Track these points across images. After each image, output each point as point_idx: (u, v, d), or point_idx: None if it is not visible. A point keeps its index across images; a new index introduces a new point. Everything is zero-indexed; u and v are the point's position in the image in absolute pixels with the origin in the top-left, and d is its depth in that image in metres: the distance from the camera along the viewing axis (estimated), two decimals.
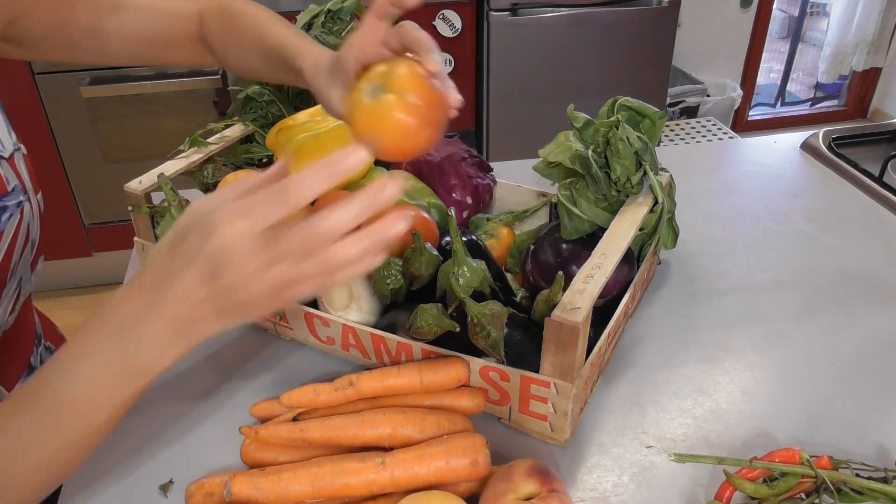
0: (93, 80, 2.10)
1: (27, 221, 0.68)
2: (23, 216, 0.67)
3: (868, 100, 3.64)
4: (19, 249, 0.67)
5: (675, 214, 0.90)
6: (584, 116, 0.87)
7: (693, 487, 0.68)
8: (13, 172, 0.67)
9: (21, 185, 0.67)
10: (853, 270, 0.98)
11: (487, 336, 0.70)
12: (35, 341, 0.81)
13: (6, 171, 0.66)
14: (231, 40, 0.82)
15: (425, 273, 0.77)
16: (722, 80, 3.23)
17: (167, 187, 0.83)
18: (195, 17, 0.84)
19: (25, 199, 0.67)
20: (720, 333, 0.87)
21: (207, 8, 0.84)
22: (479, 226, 0.94)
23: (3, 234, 0.65)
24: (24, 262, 0.69)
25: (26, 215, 0.67)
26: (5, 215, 0.65)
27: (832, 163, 1.24)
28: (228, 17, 0.82)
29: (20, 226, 0.67)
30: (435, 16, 2.27)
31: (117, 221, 2.36)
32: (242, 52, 0.82)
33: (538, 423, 0.72)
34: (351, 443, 0.66)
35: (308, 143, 0.90)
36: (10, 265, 0.66)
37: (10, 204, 0.66)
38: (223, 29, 0.83)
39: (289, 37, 0.76)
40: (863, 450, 0.71)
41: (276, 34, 0.77)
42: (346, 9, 1.00)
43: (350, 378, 0.69)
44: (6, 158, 0.67)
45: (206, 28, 0.84)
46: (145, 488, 0.69)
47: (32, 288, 0.76)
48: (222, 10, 0.83)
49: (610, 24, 2.42)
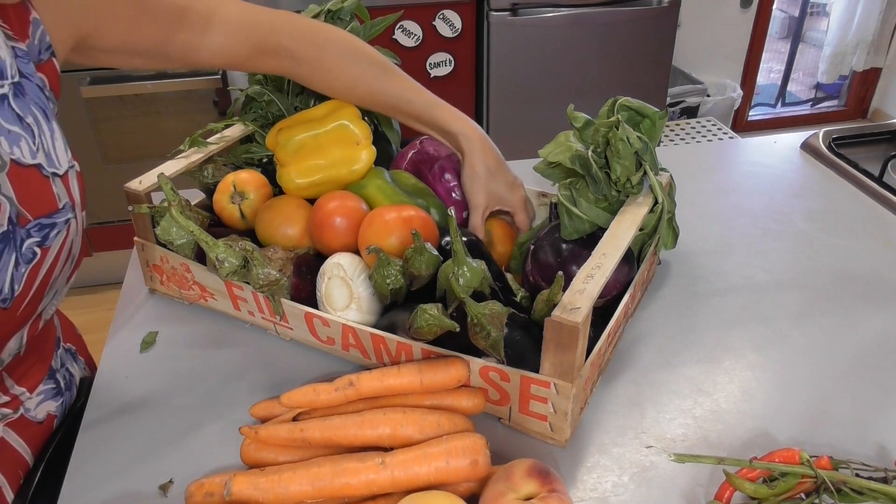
0: (93, 80, 2.10)
1: (72, 238, 0.69)
2: (69, 233, 0.68)
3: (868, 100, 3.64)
4: (61, 265, 0.68)
5: (675, 214, 0.90)
6: (584, 116, 0.87)
7: (693, 487, 0.68)
8: (65, 190, 0.67)
9: (71, 202, 0.68)
10: (853, 270, 0.98)
11: (487, 336, 0.70)
12: (56, 344, 0.81)
13: (59, 188, 0.67)
14: (331, 73, 0.90)
15: (425, 273, 0.77)
16: (722, 80, 3.23)
17: (167, 187, 0.83)
18: (266, 30, 0.86)
19: (73, 216, 0.68)
20: (720, 333, 0.87)
21: (290, 40, 0.87)
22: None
23: (49, 250, 0.65)
24: (62, 276, 0.70)
25: (72, 232, 0.68)
26: (54, 232, 0.66)
27: (832, 163, 1.24)
28: (324, 61, 0.89)
29: (65, 242, 0.67)
30: (435, 16, 2.27)
31: (117, 221, 2.36)
32: (352, 94, 0.92)
33: (538, 423, 0.72)
34: (351, 443, 0.66)
35: (308, 143, 0.90)
36: (50, 280, 0.67)
37: (59, 221, 0.66)
38: (317, 70, 0.90)
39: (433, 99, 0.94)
40: (863, 450, 0.71)
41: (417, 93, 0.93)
42: (346, 9, 1.00)
43: (350, 378, 0.69)
44: (60, 176, 0.67)
45: (296, 61, 0.89)
46: (145, 488, 0.69)
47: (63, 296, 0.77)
48: (310, 39, 0.89)
49: (610, 24, 2.42)
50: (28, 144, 0.64)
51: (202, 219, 0.89)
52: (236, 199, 0.92)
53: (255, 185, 0.93)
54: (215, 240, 0.79)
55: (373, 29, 1.02)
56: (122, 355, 0.85)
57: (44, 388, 0.77)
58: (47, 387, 0.78)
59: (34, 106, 0.66)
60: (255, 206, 0.92)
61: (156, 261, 0.91)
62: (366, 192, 0.90)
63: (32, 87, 0.66)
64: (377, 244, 0.79)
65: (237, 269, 0.79)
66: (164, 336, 0.88)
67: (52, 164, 0.66)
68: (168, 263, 0.90)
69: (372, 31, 1.02)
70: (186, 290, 0.91)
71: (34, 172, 0.64)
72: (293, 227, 0.88)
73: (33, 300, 0.66)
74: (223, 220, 0.94)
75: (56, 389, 0.79)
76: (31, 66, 0.66)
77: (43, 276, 0.66)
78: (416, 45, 2.31)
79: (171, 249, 0.88)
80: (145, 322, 0.90)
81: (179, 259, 0.88)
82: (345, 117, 0.91)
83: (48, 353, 0.79)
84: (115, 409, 0.78)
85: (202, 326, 0.89)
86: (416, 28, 2.28)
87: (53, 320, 0.82)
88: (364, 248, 0.82)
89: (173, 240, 0.86)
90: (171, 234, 0.86)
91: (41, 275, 0.65)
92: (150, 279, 0.95)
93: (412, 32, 2.28)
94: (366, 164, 0.91)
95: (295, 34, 0.87)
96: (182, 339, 0.87)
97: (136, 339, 0.87)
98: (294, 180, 0.90)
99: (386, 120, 1.02)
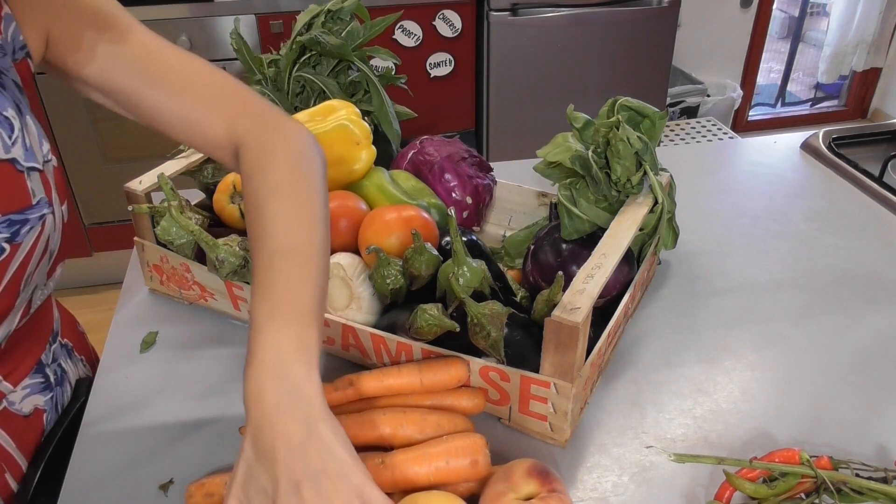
0: None
1: (48, 233, 0.68)
2: (44, 228, 0.67)
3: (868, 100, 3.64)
4: (36, 260, 0.67)
5: (675, 214, 0.90)
6: (583, 117, 0.87)
7: (693, 487, 0.68)
8: (41, 185, 0.67)
9: (47, 197, 0.67)
10: (853, 270, 0.98)
11: (487, 336, 0.70)
12: (49, 339, 0.81)
13: (34, 183, 0.66)
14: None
15: (425, 273, 0.77)
16: (722, 80, 3.23)
17: (167, 187, 0.83)
18: (229, 149, 0.71)
19: (49, 210, 0.67)
20: (720, 333, 0.87)
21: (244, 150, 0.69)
22: None
23: (20, 247, 0.65)
24: (39, 272, 0.69)
25: (48, 227, 0.67)
26: (25, 228, 0.64)
27: (832, 163, 1.24)
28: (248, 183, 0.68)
29: (40, 237, 0.67)
30: (435, 16, 2.27)
31: (117, 221, 2.36)
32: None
33: (538, 423, 0.72)
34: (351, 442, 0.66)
35: None
36: (24, 275, 0.66)
37: (31, 217, 0.65)
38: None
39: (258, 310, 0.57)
40: (863, 450, 0.71)
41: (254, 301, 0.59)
42: (346, 9, 1.00)
43: (350, 378, 0.69)
44: (38, 171, 0.66)
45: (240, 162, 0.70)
46: (145, 488, 0.69)
47: (50, 290, 0.76)
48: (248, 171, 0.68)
49: (610, 24, 2.42)
50: (4, 139, 0.63)
51: (202, 219, 0.89)
52: (236, 199, 0.92)
53: None
54: (215, 240, 0.79)
55: (373, 29, 1.01)
56: (122, 355, 0.85)
57: (30, 382, 0.76)
58: (34, 381, 0.77)
59: (11, 100, 0.65)
60: None
61: (156, 261, 0.91)
62: (366, 192, 0.90)
63: (8, 82, 0.66)
64: (377, 244, 0.79)
65: (237, 269, 0.79)
66: (164, 336, 0.88)
67: (29, 158, 0.65)
68: (168, 263, 0.90)
69: (372, 31, 1.01)
70: (186, 290, 0.91)
71: (8, 167, 0.63)
72: None
73: (6, 296, 0.65)
74: (223, 220, 0.94)
75: (45, 384, 0.78)
76: (8, 61, 0.66)
77: (13, 272, 0.65)
78: (416, 45, 2.31)
79: (171, 249, 0.88)
80: (145, 322, 0.90)
81: (179, 259, 0.88)
82: (345, 117, 0.90)
83: (38, 348, 0.78)
84: (115, 409, 0.78)
85: (202, 326, 0.89)
86: (416, 28, 2.28)
87: (50, 314, 0.82)
88: (364, 248, 0.82)
89: (173, 240, 0.86)
90: (171, 234, 0.86)
91: (10, 271, 0.64)
92: (150, 279, 0.95)
93: (412, 32, 2.28)
94: (366, 164, 0.91)
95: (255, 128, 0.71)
96: (182, 339, 0.87)
97: (136, 339, 0.87)
98: None
99: (386, 120, 1.02)
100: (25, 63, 0.68)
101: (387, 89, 1.02)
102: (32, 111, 0.70)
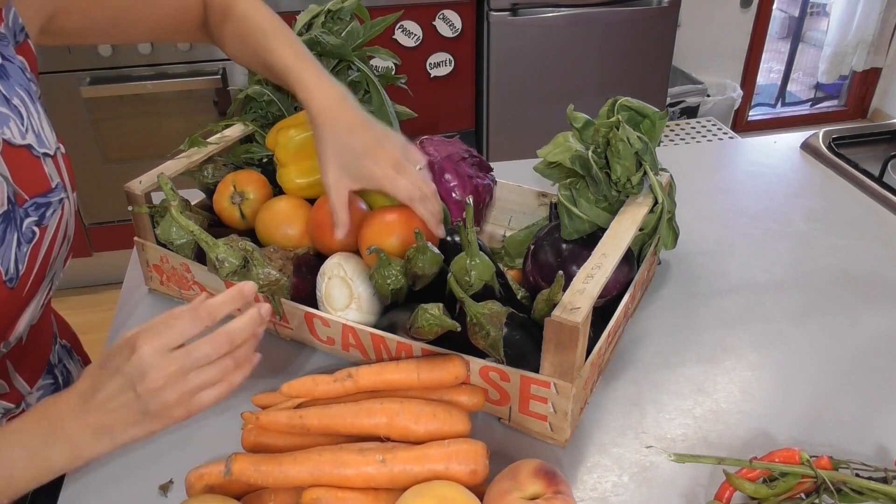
0: (93, 80, 2.10)
1: (66, 218, 0.70)
2: (63, 212, 0.69)
3: (868, 100, 3.64)
4: (59, 244, 0.70)
5: (675, 214, 0.90)
6: (583, 117, 0.87)
7: (693, 487, 0.68)
8: (56, 170, 0.69)
9: (62, 182, 0.69)
10: (853, 270, 0.98)
11: (487, 336, 0.70)
12: (52, 339, 0.81)
13: (50, 168, 0.68)
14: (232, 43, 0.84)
15: (428, 272, 0.77)
16: (722, 80, 3.23)
17: (167, 187, 0.83)
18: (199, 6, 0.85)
19: (66, 196, 0.70)
20: (720, 333, 0.87)
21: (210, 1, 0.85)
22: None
23: (46, 230, 0.66)
24: (59, 258, 0.71)
25: (66, 212, 0.70)
26: (49, 210, 0.67)
27: (832, 163, 1.24)
28: (230, 19, 0.83)
29: (61, 221, 0.69)
30: (435, 16, 2.27)
31: (117, 221, 2.36)
32: (244, 56, 0.85)
33: (538, 423, 0.72)
34: (348, 431, 0.66)
35: (308, 143, 0.90)
36: (50, 259, 0.68)
37: (53, 200, 0.68)
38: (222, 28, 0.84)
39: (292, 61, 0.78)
40: (863, 450, 0.71)
41: (279, 53, 0.78)
42: (346, 9, 1.00)
43: (349, 371, 0.69)
44: (51, 156, 0.68)
45: (208, 19, 0.85)
46: (145, 488, 0.69)
47: (59, 280, 0.77)
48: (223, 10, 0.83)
49: (610, 24, 2.42)
50: (17, 125, 0.64)
51: (202, 219, 0.89)
52: (236, 199, 0.92)
53: (255, 185, 0.93)
54: (215, 240, 0.79)
55: (373, 29, 1.01)
56: None
57: (43, 383, 0.77)
58: (46, 381, 0.78)
59: (19, 87, 0.66)
60: (255, 206, 0.92)
61: (156, 261, 0.91)
62: (366, 193, 0.90)
63: (15, 69, 0.66)
64: (377, 244, 0.79)
65: (237, 269, 0.79)
66: None
67: (42, 144, 0.67)
68: (168, 263, 0.90)
69: (372, 31, 1.01)
70: (186, 290, 0.91)
71: (25, 153, 0.65)
72: (293, 227, 0.88)
73: (35, 281, 0.67)
74: (223, 220, 0.94)
75: (55, 385, 0.79)
76: (11, 49, 0.67)
77: (43, 256, 0.67)
78: (416, 45, 2.31)
79: (171, 249, 0.88)
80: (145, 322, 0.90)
81: (179, 259, 0.88)
82: None
83: (47, 347, 0.79)
84: None
85: None
86: (416, 28, 2.28)
87: (49, 314, 0.82)
88: (364, 248, 0.82)
89: (173, 240, 0.86)
90: (171, 234, 0.86)
91: (41, 255, 0.66)
92: (150, 279, 0.95)
93: (412, 32, 2.28)
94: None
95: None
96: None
97: None
98: (294, 180, 0.90)
99: (386, 120, 1.01)
100: (27, 45, 0.69)
101: (387, 89, 1.02)
102: None
